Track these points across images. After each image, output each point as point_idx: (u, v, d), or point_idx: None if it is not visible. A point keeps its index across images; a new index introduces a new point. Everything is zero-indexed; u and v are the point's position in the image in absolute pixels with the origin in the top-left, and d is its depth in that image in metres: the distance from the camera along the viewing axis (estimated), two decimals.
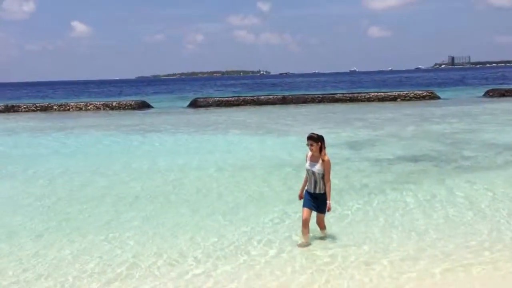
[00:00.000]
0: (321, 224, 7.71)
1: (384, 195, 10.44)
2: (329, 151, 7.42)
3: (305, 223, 7.44)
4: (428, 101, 38.13)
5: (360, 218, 8.91)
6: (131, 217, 9.40)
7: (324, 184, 7.30)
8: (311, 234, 7.66)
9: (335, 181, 11.30)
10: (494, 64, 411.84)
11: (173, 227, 8.75)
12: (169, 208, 9.98)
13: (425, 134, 19.78)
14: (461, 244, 7.48)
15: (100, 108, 40.62)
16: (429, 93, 40.46)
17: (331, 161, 7.42)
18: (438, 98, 39.58)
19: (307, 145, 7.32)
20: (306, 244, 7.46)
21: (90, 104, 41.62)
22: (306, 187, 7.53)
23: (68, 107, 41.09)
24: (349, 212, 9.29)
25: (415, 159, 14.42)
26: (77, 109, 40.69)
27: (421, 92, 40.91)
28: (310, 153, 7.39)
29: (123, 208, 10.12)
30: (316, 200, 7.38)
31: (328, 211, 7.40)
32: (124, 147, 19.19)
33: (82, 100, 49.34)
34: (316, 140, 7.26)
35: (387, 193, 10.59)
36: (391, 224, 8.51)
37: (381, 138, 18.94)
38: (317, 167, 7.26)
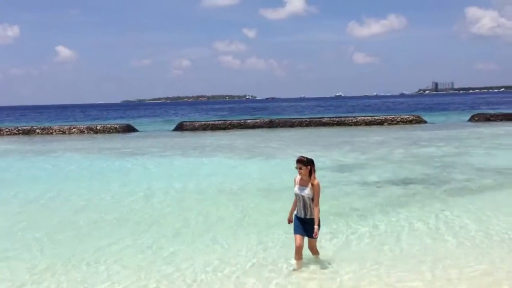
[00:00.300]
0: (313, 250, 7.41)
1: (374, 218, 10.13)
2: (317, 174, 7.11)
3: (298, 250, 7.12)
4: (414, 125, 38.25)
5: (352, 242, 8.59)
6: (116, 244, 8.92)
7: (313, 208, 6.99)
8: (304, 259, 7.29)
9: (325, 205, 11.00)
10: (476, 90, 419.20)
11: (155, 250, 8.29)
12: (155, 233, 9.52)
13: (413, 157, 19.62)
14: (452, 268, 7.15)
15: (84, 131, 40.03)
16: (415, 117, 40.64)
17: (321, 185, 7.08)
18: (425, 122, 39.76)
19: (296, 168, 7.02)
20: (299, 270, 7.15)
21: (74, 128, 41.02)
22: (295, 212, 7.21)
23: (51, 131, 40.43)
24: (341, 236, 8.97)
25: (404, 182, 14.18)
26: (60, 132, 40.04)
27: (407, 116, 41.10)
28: (298, 177, 7.09)
29: (106, 233, 9.64)
30: (306, 225, 7.05)
31: (314, 236, 7.02)
32: (108, 171, 18.68)
33: (66, 124, 48.64)
34: (306, 164, 6.97)
35: (378, 216, 10.30)
36: (383, 248, 8.18)
37: (369, 162, 18.71)
38: (307, 191, 6.97)
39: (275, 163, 19.18)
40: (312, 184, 6.96)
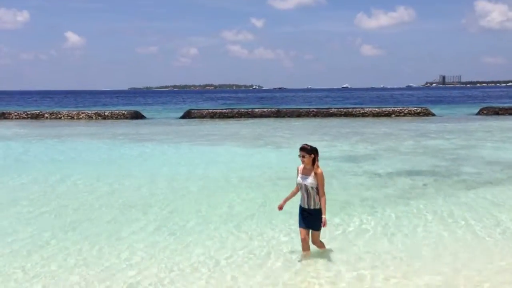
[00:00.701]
0: (317, 243, 7.17)
1: (387, 209, 10.08)
2: (327, 164, 7.07)
3: (304, 243, 7.04)
4: (422, 117, 38.08)
5: (363, 233, 8.55)
6: (134, 226, 8.99)
7: (318, 199, 6.81)
8: (313, 252, 7.22)
9: (335, 196, 11.04)
10: (484, 84, 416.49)
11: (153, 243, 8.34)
12: (167, 219, 9.58)
13: (423, 149, 19.56)
14: (467, 261, 7.15)
15: (92, 117, 40.15)
16: (423, 109, 40.45)
17: (326, 174, 6.97)
18: (433, 115, 39.57)
19: (299, 156, 6.85)
20: (308, 261, 7.03)
21: (82, 113, 41.15)
22: (299, 203, 7.01)
23: (60, 115, 40.60)
24: (351, 227, 8.91)
25: (416, 173, 14.14)
26: (69, 117, 40.20)
27: (415, 108, 40.92)
28: (301, 166, 6.90)
29: (124, 217, 9.71)
30: (310, 217, 6.87)
31: (323, 226, 6.86)
32: (119, 156, 18.77)
33: (75, 109, 48.79)
34: (309, 152, 6.78)
35: (390, 207, 10.25)
36: (396, 240, 8.15)
37: (379, 152, 18.68)
38: (310, 181, 6.77)
39: (284, 153, 19.16)
40: (315, 173, 6.76)
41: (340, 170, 14.64)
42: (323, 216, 6.78)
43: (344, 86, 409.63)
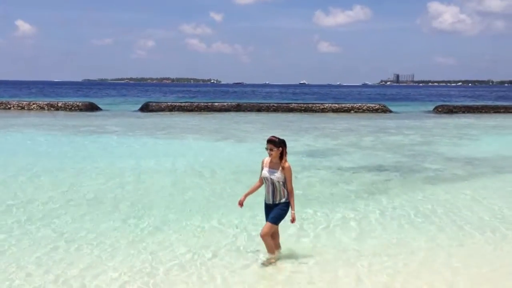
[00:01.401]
0: (265, 234, 6.45)
1: (351, 205, 9.92)
2: (289, 159, 6.61)
3: (271, 237, 6.59)
4: (380, 114, 38.65)
5: (326, 229, 8.33)
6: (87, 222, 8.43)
7: (284, 193, 6.41)
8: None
9: (299, 191, 10.80)
10: (435, 83, 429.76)
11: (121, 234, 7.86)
12: (116, 213, 9.06)
13: (383, 144, 19.71)
14: (427, 256, 7.06)
15: (44, 108, 38.52)
16: (381, 106, 41.08)
17: (292, 169, 6.56)
18: (390, 111, 40.24)
19: (266, 149, 6.42)
20: (272, 261, 6.59)
21: (34, 104, 39.42)
22: (264, 198, 6.57)
23: (9, 106, 38.73)
24: (316, 223, 8.65)
25: (377, 169, 14.15)
26: (19, 108, 38.41)
27: (374, 105, 41.50)
28: (267, 159, 6.50)
29: (97, 212, 9.12)
30: (270, 210, 6.48)
31: (292, 222, 6.45)
32: (80, 147, 17.91)
33: (25, 100, 46.71)
34: (277, 145, 6.37)
35: (354, 203, 10.11)
36: (362, 236, 7.98)
37: (340, 147, 18.67)
38: (277, 175, 6.37)
39: (245, 146, 18.87)
40: (283, 167, 6.38)
41: (303, 165, 14.47)
42: (292, 211, 6.42)
43: (302, 82, 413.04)
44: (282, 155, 6.43)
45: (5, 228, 8.15)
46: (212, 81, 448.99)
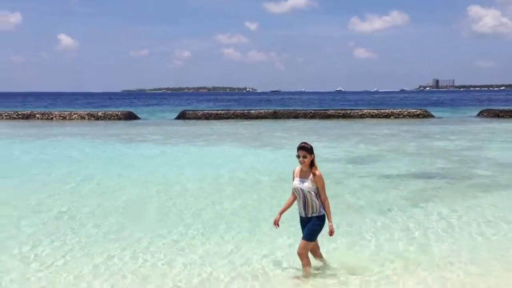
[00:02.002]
0: (301, 254, 6.00)
1: (399, 213, 9.30)
2: (329, 166, 6.47)
3: (314, 255, 6.32)
4: (422, 119, 37.46)
5: (375, 239, 7.77)
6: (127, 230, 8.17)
7: (317, 205, 5.89)
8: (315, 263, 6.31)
9: (342, 198, 10.34)
10: (477, 88, 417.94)
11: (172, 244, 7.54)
12: (165, 222, 8.76)
13: (428, 150, 18.87)
14: (488, 266, 6.41)
15: (85, 117, 39.21)
16: (422, 111, 39.86)
17: (330, 177, 6.35)
18: (432, 116, 38.98)
19: (298, 157, 5.93)
20: (308, 276, 6.06)
21: (75, 114, 40.21)
22: (299, 213, 6.06)
23: (51, 116, 39.61)
24: (362, 232, 8.10)
25: (425, 175, 13.42)
26: (61, 118, 39.23)
27: (414, 110, 40.32)
28: (298, 168, 6.04)
29: (127, 219, 8.89)
30: (305, 223, 5.99)
31: (330, 235, 5.92)
32: (114, 156, 17.92)
33: (67, 110, 47.74)
34: (310, 151, 5.92)
35: (403, 211, 9.47)
36: (411, 248, 7.36)
37: (383, 154, 17.96)
38: (307, 184, 5.88)
39: (284, 153, 18.40)
40: (314, 174, 5.88)
41: (345, 172, 13.89)
42: (329, 223, 5.90)
43: (338, 89, 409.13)
44: (312, 163, 5.95)
45: (58, 235, 8.02)
46: (247, 89, 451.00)
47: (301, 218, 6.03)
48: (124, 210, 9.79)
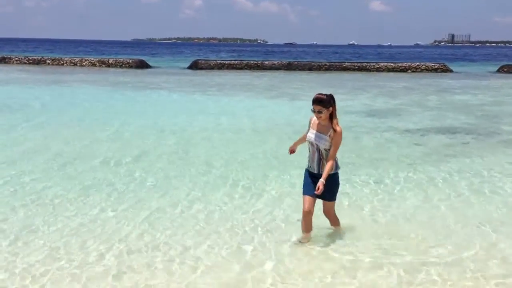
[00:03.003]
0: (330, 214, 5.57)
1: (425, 170, 8.79)
2: (348, 119, 5.96)
3: (307, 216, 5.28)
4: (440, 73, 36.44)
5: (402, 197, 7.31)
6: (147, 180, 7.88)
7: (332, 162, 5.17)
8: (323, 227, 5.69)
9: (364, 153, 9.94)
10: (493, 44, 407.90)
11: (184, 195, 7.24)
12: (176, 171, 8.45)
13: (450, 105, 18.26)
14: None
15: (95, 64, 38.65)
16: (441, 65, 38.75)
17: (350, 131, 5.63)
18: (451, 71, 37.90)
19: (313, 111, 5.11)
20: (306, 244, 5.40)
21: (86, 60, 39.63)
22: (306, 165, 5.37)
23: (62, 62, 39.08)
24: (386, 189, 7.62)
25: (449, 131, 12.91)
26: (72, 64, 38.71)
27: (433, 64, 39.21)
28: (315, 119, 5.23)
29: (169, 170, 8.59)
30: (315, 180, 5.23)
31: (317, 191, 5.07)
32: (125, 104, 17.55)
33: (77, 56, 47.10)
34: (327, 104, 5.03)
35: (429, 167, 8.96)
36: (443, 210, 6.92)
37: (403, 107, 17.39)
38: (324, 141, 5.14)
39: (300, 105, 17.90)
40: (335, 131, 5.09)
41: (364, 125, 13.41)
42: (321, 180, 5.06)
43: (351, 43, 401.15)
44: (332, 116, 5.14)
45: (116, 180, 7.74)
46: (259, 41, 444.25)
47: (311, 173, 5.31)
48: (161, 159, 9.45)
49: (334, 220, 5.68)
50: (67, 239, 5.56)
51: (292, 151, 5.70)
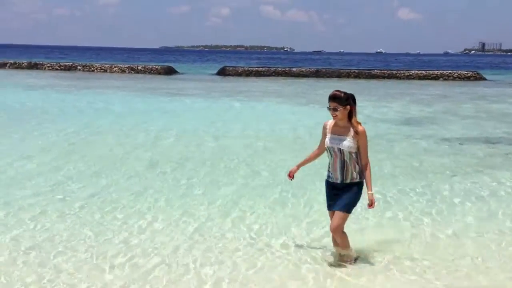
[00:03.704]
0: (337, 232, 4.73)
1: (467, 181, 8.30)
2: (381, 127, 5.78)
3: (336, 233, 4.77)
4: (473, 81, 35.51)
5: (444, 211, 6.86)
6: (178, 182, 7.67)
7: (356, 169, 4.67)
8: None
9: (400, 163, 9.49)
10: None
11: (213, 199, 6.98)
12: (203, 177, 8.21)
13: (487, 113, 17.61)
14: None
15: (125, 70, 39.07)
16: (474, 73, 37.80)
17: (381, 138, 5.34)
18: (484, 79, 36.91)
19: (329, 109, 4.67)
20: (350, 258, 4.94)
21: (115, 66, 40.10)
22: (326, 176, 4.83)
23: (92, 68, 39.63)
24: (422, 202, 7.16)
25: (488, 140, 12.36)
26: (102, 70, 39.20)
27: (465, 72, 38.30)
28: (331, 122, 4.77)
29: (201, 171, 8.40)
30: (341, 192, 4.71)
31: (370, 206, 4.70)
32: (154, 109, 17.50)
33: (107, 63, 47.70)
34: (343, 102, 4.59)
35: (471, 179, 8.48)
36: (491, 214, 6.53)
37: (438, 116, 16.86)
38: (347, 143, 4.61)
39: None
40: (356, 132, 4.62)
41: (399, 133, 12.98)
42: (369, 192, 4.66)
43: (378, 51, 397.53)
44: (350, 116, 4.68)
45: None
46: (285, 49, 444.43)
47: (332, 185, 4.76)
48: (194, 161, 9.26)
49: (341, 238, 4.79)
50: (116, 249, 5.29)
51: (291, 176, 5.08)
